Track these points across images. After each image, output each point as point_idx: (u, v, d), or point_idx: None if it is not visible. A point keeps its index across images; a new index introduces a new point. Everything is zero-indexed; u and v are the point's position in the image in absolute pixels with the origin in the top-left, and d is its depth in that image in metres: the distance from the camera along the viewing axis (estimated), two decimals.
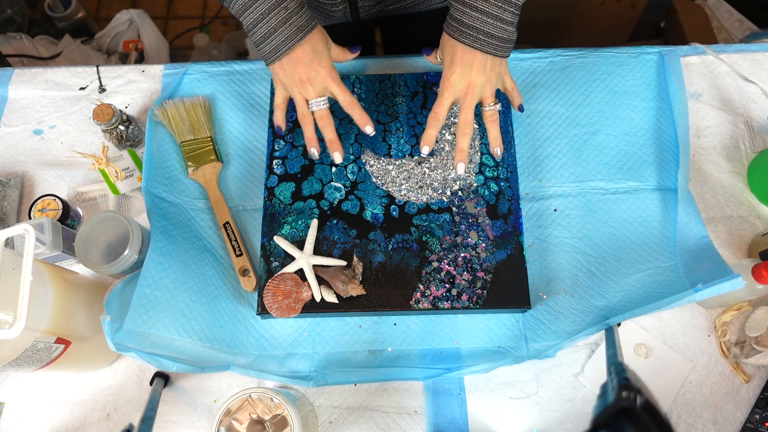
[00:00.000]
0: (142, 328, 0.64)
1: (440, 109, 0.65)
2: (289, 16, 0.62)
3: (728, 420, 0.66)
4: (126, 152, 0.80)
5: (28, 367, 0.58)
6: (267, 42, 0.63)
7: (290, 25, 0.62)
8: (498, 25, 0.59)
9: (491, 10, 0.59)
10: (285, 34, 0.62)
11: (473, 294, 0.67)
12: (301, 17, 0.63)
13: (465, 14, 0.60)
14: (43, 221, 0.68)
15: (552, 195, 0.75)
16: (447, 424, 0.67)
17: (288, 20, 0.62)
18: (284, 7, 0.61)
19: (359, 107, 0.68)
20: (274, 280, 0.68)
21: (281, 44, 0.63)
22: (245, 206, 0.77)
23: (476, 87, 0.63)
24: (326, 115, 0.68)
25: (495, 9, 0.59)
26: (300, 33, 0.63)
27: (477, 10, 0.59)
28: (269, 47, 0.64)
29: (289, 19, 0.62)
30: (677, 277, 0.66)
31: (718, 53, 0.83)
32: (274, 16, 0.61)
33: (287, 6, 0.61)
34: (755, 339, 0.64)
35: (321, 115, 0.68)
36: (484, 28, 0.60)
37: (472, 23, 0.60)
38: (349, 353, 0.70)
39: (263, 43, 0.64)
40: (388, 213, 0.72)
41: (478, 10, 0.59)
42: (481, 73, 0.62)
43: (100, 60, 1.68)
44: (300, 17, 0.63)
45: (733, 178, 0.77)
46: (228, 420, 0.58)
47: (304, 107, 0.68)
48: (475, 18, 0.59)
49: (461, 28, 0.61)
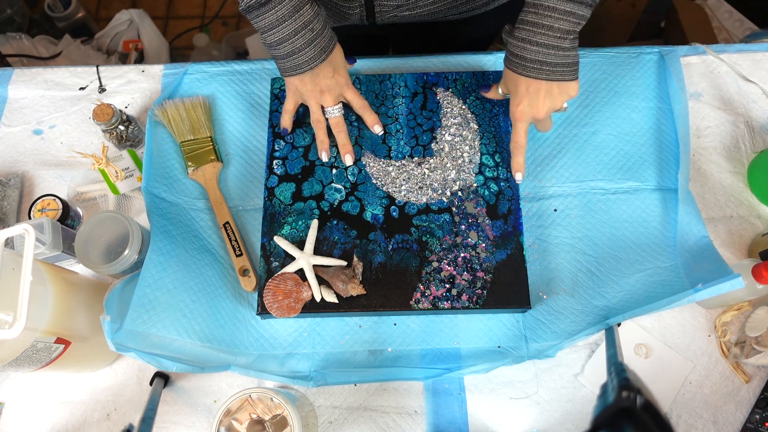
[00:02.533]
0: (142, 328, 0.64)
1: (519, 138, 0.68)
2: (314, 37, 0.64)
3: (728, 420, 0.66)
4: (126, 152, 0.80)
5: (28, 367, 0.58)
6: (289, 59, 0.65)
7: (314, 47, 0.64)
8: (560, 54, 0.60)
9: (551, 41, 0.59)
10: (309, 54, 0.64)
11: (473, 294, 0.67)
12: (324, 38, 0.65)
13: (525, 50, 0.61)
14: (43, 221, 0.68)
15: (552, 195, 0.75)
16: (447, 424, 0.67)
17: (313, 41, 0.64)
18: (310, 29, 0.63)
19: (370, 109, 0.74)
20: (274, 280, 0.68)
21: (304, 63, 0.65)
22: (245, 206, 0.77)
23: (544, 112, 0.65)
24: (341, 122, 0.73)
25: (554, 40, 0.59)
26: (323, 54, 0.65)
27: (537, 44, 0.60)
28: (290, 63, 0.66)
29: (314, 40, 0.64)
30: (677, 277, 0.66)
31: (718, 53, 0.83)
32: (300, 37, 0.63)
33: (313, 28, 0.63)
34: (755, 339, 0.64)
35: (337, 122, 0.73)
36: (547, 59, 0.60)
37: (535, 57, 0.61)
38: (349, 353, 0.70)
39: (285, 59, 0.65)
40: (388, 213, 0.72)
41: (538, 44, 0.60)
42: (548, 98, 0.64)
43: (100, 60, 1.68)
44: (323, 38, 0.65)
45: (733, 178, 0.77)
46: (228, 420, 0.58)
47: (319, 114, 0.72)
48: (536, 51, 0.60)
49: (524, 63, 0.62)
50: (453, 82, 0.78)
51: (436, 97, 0.78)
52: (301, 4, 0.62)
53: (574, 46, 0.61)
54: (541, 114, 0.65)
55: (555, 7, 0.57)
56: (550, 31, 0.59)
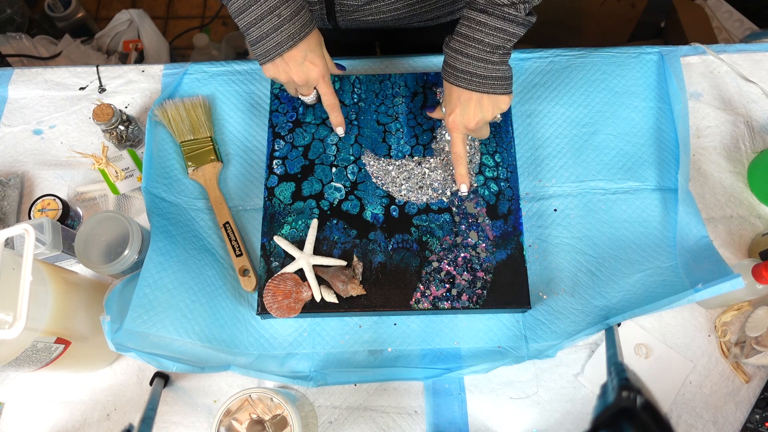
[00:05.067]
0: (142, 328, 0.64)
1: (458, 149, 0.68)
2: (281, 23, 0.62)
3: (728, 420, 0.66)
4: (126, 152, 0.80)
5: (28, 367, 0.58)
6: (259, 44, 0.64)
7: (282, 32, 0.63)
8: (488, 67, 0.61)
9: (480, 54, 0.61)
10: (276, 40, 0.63)
11: (473, 294, 0.67)
12: (294, 24, 0.63)
13: (457, 60, 0.62)
14: (43, 221, 0.68)
15: (552, 195, 0.75)
16: (447, 424, 0.67)
17: (280, 27, 0.63)
18: (277, 14, 0.62)
19: (338, 110, 0.73)
20: (274, 280, 0.68)
21: (272, 49, 0.64)
22: (245, 206, 0.77)
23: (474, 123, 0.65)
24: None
25: (483, 53, 0.61)
26: (291, 41, 0.64)
27: (467, 55, 0.61)
28: (261, 50, 0.64)
29: (282, 26, 0.63)
30: (677, 277, 0.66)
31: (718, 53, 0.83)
32: (267, 22, 0.62)
33: (280, 13, 0.62)
34: (755, 339, 0.64)
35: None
36: (477, 71, 0.62)
37: (465, 68, 0.62)
38: (349, 353, 0.70)
39: (255, 45, 0.65)
40: (388, 213, 0.72)
41: (469, 55, 0.61)
42: (479, 109, 0.64)
43: (100, 60, 1.68)
44: (293, 25, 0.63)
45: (733, 178, 0.77)
46: (228, 420, 0.58)
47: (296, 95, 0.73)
48: (467, 63, 0.62)
49: (455, 73, 0.63)
50: None
51: (436, 96, 0.78)
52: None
53: (504, 61, 0.62)
54: (471, 124, 0.65)
55: (486, 22, 0.59)
56: (480, 45, 0.60)
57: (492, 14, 0.59)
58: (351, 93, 0.79)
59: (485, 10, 0.59)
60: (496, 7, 0.58)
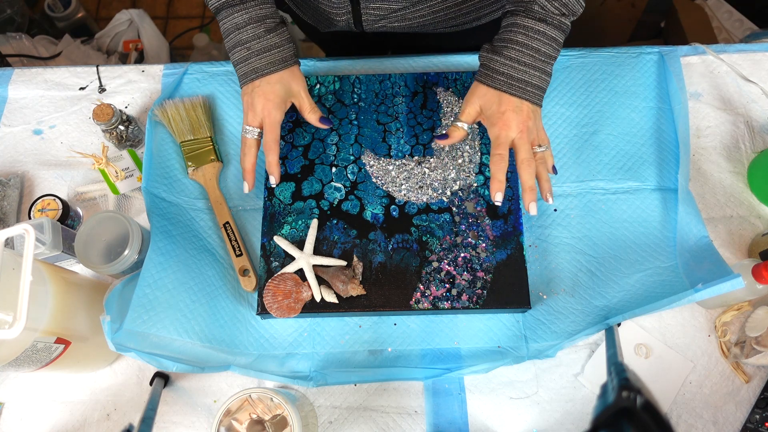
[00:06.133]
0: (142, 328, 0.64)
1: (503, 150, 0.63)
2: (249, 56, 0.66)
3: (728, 420, 0.66)
4: (126, 152, 0.80)
5: (28, 367, 0.58)
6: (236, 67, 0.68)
7: (247, 65, 0.66)
8: (544, 77, 0.62)
9: (536, 63, 0.61)
10: (242, 70, 0.67)
11: (473, 294, 0.67)
12: (261, 60, 0.66)
13: (514, 69, 0.62)
14: (43, 221, 0.68)
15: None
16: (447, 424, 0.67)
17: (247, 60, 0.66)
18: (246, 47, 0.66)
19: (275, 155, 0.68)
20: (274, 280, 0.68)
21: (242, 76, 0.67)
22: (245, 206, 0.77)
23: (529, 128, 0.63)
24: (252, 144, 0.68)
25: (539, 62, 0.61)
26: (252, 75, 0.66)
27: (524, 64, 0.61)
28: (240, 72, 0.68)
29: (249, 59, 0.66)
30: (677, 277, 0.66)
31: (718, 53, 0.83)
32: (237, 53, 0.66)
33: (250, 47, 0.66)
34: (755, 339, 0.64)
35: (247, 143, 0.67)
36: (532, 81, 0.62)
37: (521, 77, 0.62)
38: (349, 353, 0.70)
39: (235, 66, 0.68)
40: (388, 213, 0.72)
41: (526, 64, 0.61)
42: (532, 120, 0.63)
43: (100, 60, 1.68)
44: (260, 59, 0.66)
45: (733, 178, 0.77)
46: (228, 420, 0.58)
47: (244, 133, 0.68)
48: (523, 71, 0.61)
49: (510, 81, 0.62)
50: (453, 82, 0.78)
51: (436, 96, 0.78)
52: (244, 24, 0.65)
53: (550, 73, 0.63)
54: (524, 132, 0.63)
55: (544, 32, 0.60)
56: (537, 54, 0.61)
57: (551, 24, 0.60)
58: (351, 93, 0.79)
59: (544, 19, 0.60)
60: (554, 18, 0.60)
